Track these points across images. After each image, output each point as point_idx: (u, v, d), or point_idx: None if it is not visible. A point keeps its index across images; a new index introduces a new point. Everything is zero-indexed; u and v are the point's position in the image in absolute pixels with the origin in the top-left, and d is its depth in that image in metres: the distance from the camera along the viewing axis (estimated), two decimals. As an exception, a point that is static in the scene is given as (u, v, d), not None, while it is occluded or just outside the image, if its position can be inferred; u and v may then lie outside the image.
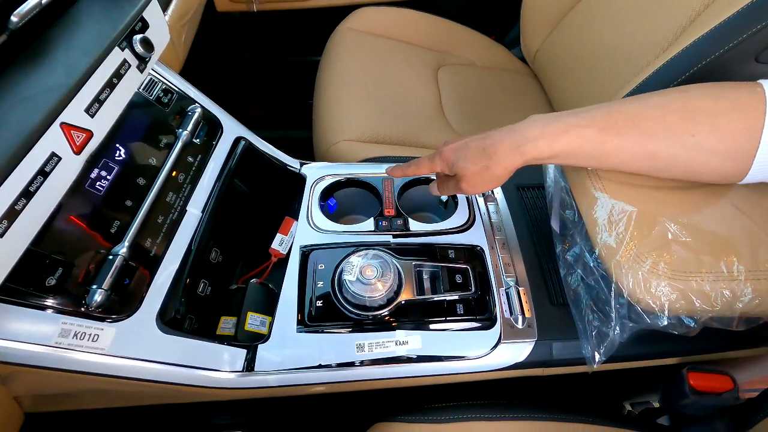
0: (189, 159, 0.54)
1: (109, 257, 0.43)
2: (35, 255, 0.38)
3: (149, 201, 0.47)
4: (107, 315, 0.42)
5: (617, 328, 0.43)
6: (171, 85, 0.57)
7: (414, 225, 0.58)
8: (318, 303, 0.51)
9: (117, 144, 0.47)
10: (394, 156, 0.74)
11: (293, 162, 0.66)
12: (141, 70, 0.48)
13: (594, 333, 0.46)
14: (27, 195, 0.35)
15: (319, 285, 0.52)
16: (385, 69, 0.92)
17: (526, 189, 0.64)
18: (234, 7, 1.07)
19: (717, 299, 0.38)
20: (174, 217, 0.50)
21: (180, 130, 0.54)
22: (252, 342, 0.48)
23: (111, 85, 0.43)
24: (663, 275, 0.39)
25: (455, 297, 0.52)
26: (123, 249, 0.43)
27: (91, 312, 0.41)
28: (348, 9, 1.03)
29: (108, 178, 0.45)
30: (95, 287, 0.41)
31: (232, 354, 0.47)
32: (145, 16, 0.48)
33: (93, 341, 0.40)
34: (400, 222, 0.58)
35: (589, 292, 0.46)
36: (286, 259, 0.55)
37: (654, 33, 0.65)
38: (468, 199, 0.62)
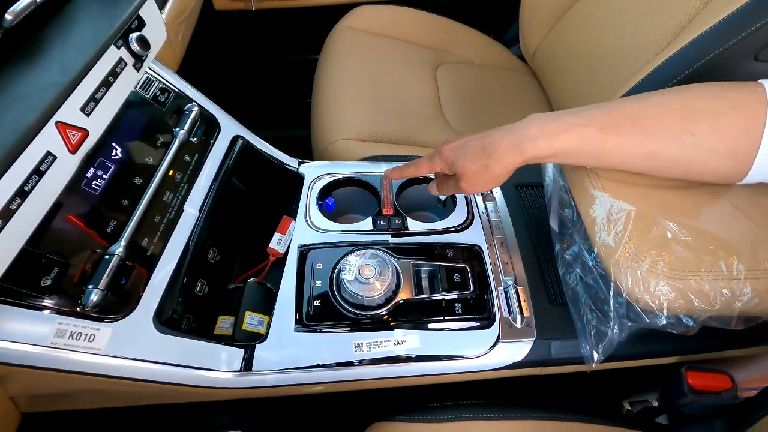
0: (186, 158, 0.54)
1: (106, 257, 0.42)
2: (31, 255, 0.38)
3: (146, 200, 0.47)
4: (103, 315, 0.41)
5: (616, 327, 0.43)
6: (168, 84, 0.56)
7: (412, 224, 0.58)
8: (316, 302, 0.50)
9: (113, 143, 0.47)
10: (392, 155, 0.74)
11: (291, 161, 0.65)
12: (137, 68, 0.47)
13: (593, 332, 0.46)
14: (22, 194, 0.35)
15: (317, 284, 0.52)
16: (384, 67, 0.91)
17: (524, 188, 0.64)
18: (232, 5, 1.06)
19: (716, 298, 0.38)
20: (171, 217, 0.50)
21: (177, 128, 0.54)
22: (250, 342, 0.48)
23: (107, 84, 0.43)
24: (662, 274, 0.39)
25: (454, 296, 0.52)
26: (119, 248, 0.43)
27: (88, 312, 0.40)
28: (346, 7, 1.03)
29: (104, 177, 0.45)
30: (91, 287, 0.41)
31: (229, 354, 0.47)
32: (142, 14, 0.48)
33: (89, 341, 0.40)
34: (398, 221, 0.58)
35: (588, 291, 0.46)
36: (284, 259, 0.55)
37: (653, 31, 0.65)
38: (467, 198, 0.61)
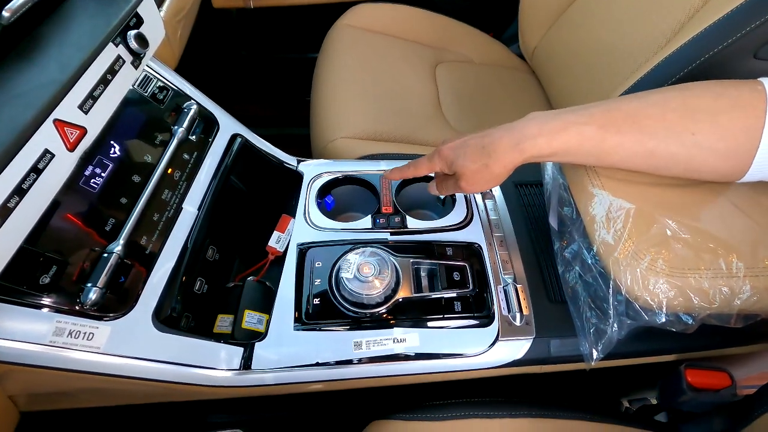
0: (185, 156, 0.54)
1: (104, 255, 0.42)
2: (29, 253, 0.37)
3: (144, 198, 0.47)
4: (102, 313, 0.41)
5: (615, 325, 0.43)
6: (166, 82, 0.56)
7: (412, 222, 0.58)
8: (315, 301, 0.50)
9: (111, 141, 0.47)
10: (391, 153, 0.74)
11: (290, 159, 0.65)
12: (135, 66, 0.47)
13: (592, 330, 0.46)
14: (20, 192, 0.35)
15: (317, 283, 0.52)
16: (383, 66, 0.91)
17: (524, 186, 0.64)
18: (230, 3, 1.06)
19: (715, 296, 0.38)
20: (170, 215, 0.50)
21: (176, 127, 0.54)
22: (249, 340, 0.48)
23: (105, 82, 0.43)
24: (661, 272, 0.39)
25: (453, 294, 0.52)
26: (118, 247, 0.43)
27: (86, 310, 0.40)
28: (345, 5, 1.02)
29: (102, 175, 0.45)
30: (90, 285, 0.40)
31: (229, 352, 0.47)
32: (140, 11, 0.48)
33: (88, 340, 0.40)
34: (397, 219, 0.58)
35: (587, 289, 0.46)
36: (283, 257, 0.55)
37: (652, 30, 0.65)
38: (466, 197, 0.61)
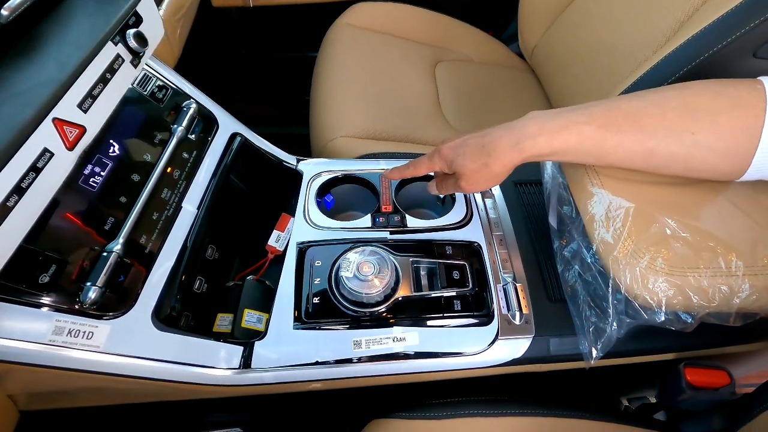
0: (184, 155, 0.54)
1: (104, 254, 0.42)
2: (28, 252, 0.37)
3: (144, 197, 0.47)
4: (102, 312, 0.41)
5: (614, 323, 0.43)
6: (166, 81, 0.56)
7: (411, 221, 0.58)
8: (315, 300, 0.50)
9: (111, 140, 0.47)
10: (391, 152, 0.74)
11: (290, 158, 0.65)
12: (135, 65, 0.47)
13: (591, 329, 0.46)
14: (19, 191, 0.35)
15: (316, 282, 0.52)
16: (383, 65, 0.91)
17: (523, 185, 0.64)
18: (230, 2, 1.06)
19: (714, 295, 0.38)
20: (169, 214, 0.50)
21: (175, 126, 0.54)
22: (249, 339, 0.48)
23: (104, 80, 0.43)
24: (661, 271, 0.39)
25: (453, 293, 0.52)
26: (117, 246, 0.43)
27: (86, 309, 0.40)
28: (345, 4, 1.02)
29: (102, 174, 0.45)
30: (89, 284, 0.40)
31: (228, 351, 0.47)
32: (139, 10, 0.48)
33: (87, 339, 0.40)
34: (397, 218, 0.58)
35: (587, 288, 0.46)
36: (282, 256, 0.55)
37: (652, 29, 0.65)
38: (465, 196, 0.61)
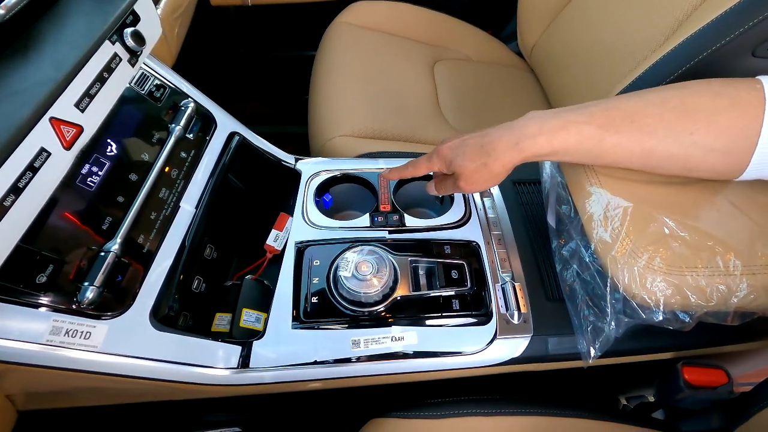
0: (182, 154, 0.54)
1: (101, 254, 0.42)
2: (25, 252, 0.37)
3: (142, 197, 0.47)
4: (99, 312, 0.41)
5: (612, 323, 0.43)
6: (163, 80, 0.56)
7: (410, 221, 0.58)
8: (313, 299, 0.50)
9: (108, 139, 0.47)
10: (389, 151, 0.74)
11: (288, 157, 0.65)
12: (132, 64, 0.47)
13: (589, 328, 0.46)
14: (16, 191, 0.34)
15: (315, 281, 0.52)
16: (381, 64, 0.91)
17: (522, 184, 0.64)
18: (228, 1, 1.06)
19: (712, 294, 0.39)
20: (167, 213, 0.49)
21: (173, 125, 0.53)
22: (247, 338, 0.48)
23: (101, 80, 0.43)
24: (659, 270, 0.39)
25: (451, 293, 0.52)
26: (115, 245, 0.43)
27: (83, 309, 0.40)
28: (343, 3, 1.02)
29: (99, 173, 0.45)
30: (87, 284, 0.40)
31: (226, 351, 0.47)
32: (136, 9, 0.47)
33: (85, 339, 0.40)
34: (395, 218, 0.58)
35: (585, 287, 0.46)
36: (281, 256, 0.54)
37: (650, 28, 0.65)
38: (464, 195, 0.61)
